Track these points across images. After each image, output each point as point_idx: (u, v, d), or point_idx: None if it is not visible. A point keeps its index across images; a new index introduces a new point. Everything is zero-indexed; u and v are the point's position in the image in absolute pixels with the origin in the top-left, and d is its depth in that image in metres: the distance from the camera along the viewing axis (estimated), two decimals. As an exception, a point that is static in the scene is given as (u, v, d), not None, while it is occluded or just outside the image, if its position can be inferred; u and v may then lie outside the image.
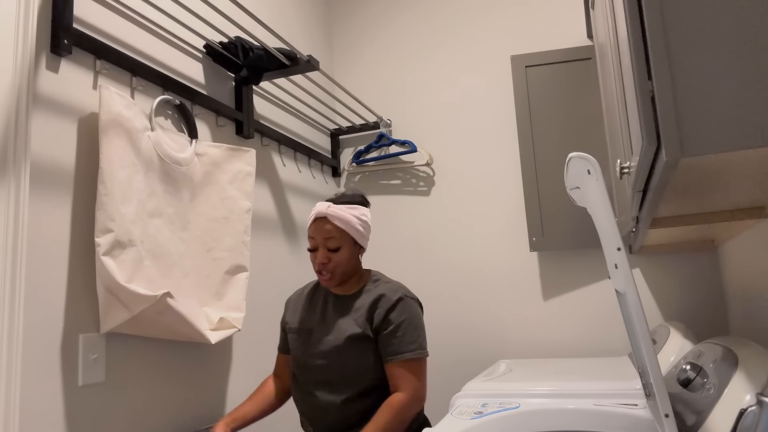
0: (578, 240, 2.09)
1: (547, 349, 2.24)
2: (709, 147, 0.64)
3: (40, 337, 1.13)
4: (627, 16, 0.76)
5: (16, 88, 1.14)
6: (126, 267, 1.22)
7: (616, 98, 1.12)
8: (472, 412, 1.32)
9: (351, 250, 1.49)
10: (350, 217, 1.46)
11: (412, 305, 1.47)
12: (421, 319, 1.48)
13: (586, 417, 1.27)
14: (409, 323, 1.43)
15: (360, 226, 1.48)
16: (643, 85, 0.72)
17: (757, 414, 0.74)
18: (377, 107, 2.61)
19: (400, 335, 1.42)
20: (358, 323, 1.44)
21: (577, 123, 2.13)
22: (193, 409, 1.52)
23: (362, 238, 1.50)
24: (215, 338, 1.45)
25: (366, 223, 1.50)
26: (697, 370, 1.08)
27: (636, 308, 0.80)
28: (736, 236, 1.65)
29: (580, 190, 0.87)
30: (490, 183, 2.39)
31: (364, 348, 1.43)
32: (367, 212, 1.52)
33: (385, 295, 1.46)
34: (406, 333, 1.42)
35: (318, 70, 1.86)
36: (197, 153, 1.56)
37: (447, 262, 2.41)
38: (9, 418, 1.06)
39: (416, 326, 1.44)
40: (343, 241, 1.47)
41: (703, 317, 2.06)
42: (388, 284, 1.51)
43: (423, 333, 1.46)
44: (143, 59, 1.48)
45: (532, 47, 2.40)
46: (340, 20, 2.73)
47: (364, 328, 1.43)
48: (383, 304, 1.45)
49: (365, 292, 1.50)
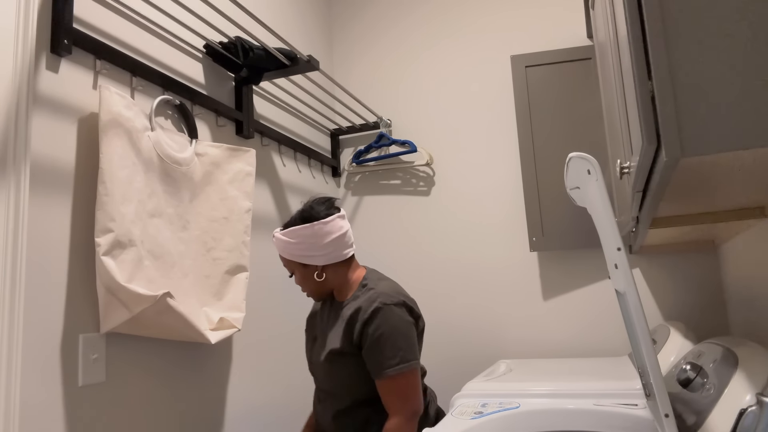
0: (578, 240, 2.09)
1: (547, 349, 2.24)
2: (709, 147, 0.64)
3: (40, 337, 1.13)
4: (627, 16, 0.76)
5: (16, 88, 1.14)
6: (126, 267, 1.22)
7: (616, 98, 1.12)
8: (472, 412, 1.32)
9: (302, 272, 1.46)
10: (285, 244, 1.44)
11: (390, 314, 1.35)
12: (402, 327, 1.35)
13: (586, 417, 1.27)
14: (388, 336, 1.33)
15: (298, 250, 1.42)
16: (643, 85, 0.72)
17: (757, 414, 0.74)
18: (377, 107, 2.61)
19: (378, 351, 1.33)
20: (339, 338, 1.39)
21: (577, 123, 2.13)
22: (193, 409, 1.52)
23: (309, 259, 1.43)
24: (215, 338, 1.45)
25: (303, 243, 1.41)
26: (697, 370, 1.08)
27: (636, 308, 0.80)
28: (736, 236, 1.65)
29: (580, 190, 0.87)
30: (490, 183, 2.39)
31: (345, 363, 1.39)
32: (303, 231, 1.41)
33: (361, 308, 1.38)
34: (385, 348, 1.33)
35: (318, 70, 1.86)
36: (197, 153, 1.56)
37: (447, 262, 2.41)
38: (9, 418, 1.06)
39: (395, 337, 1.33)
40: (292, 266, 1.48)
41: (703, 317, 2.06)
42: (370, 291, 1.42)
43: (406, 342, 1.35)
44: (143, 59, 1.48)
45: (532, 47, 2.40)
46: (341, 20, 2.73)
47: (342, 345, 1.38)
48: (360, 317, 1.37)
49: (353, 299, 1.44)
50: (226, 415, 1.66)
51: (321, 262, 1.44)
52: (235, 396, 1.71)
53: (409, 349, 1.35)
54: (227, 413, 1.66)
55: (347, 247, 1.47)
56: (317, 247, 1.42)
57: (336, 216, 1.44)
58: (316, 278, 1.46)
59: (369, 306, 1.37)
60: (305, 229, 1.42)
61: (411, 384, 1.34)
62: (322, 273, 1.46)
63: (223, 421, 1.64)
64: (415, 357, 1.36)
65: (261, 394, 1.84)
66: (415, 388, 1.34)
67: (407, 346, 1.35)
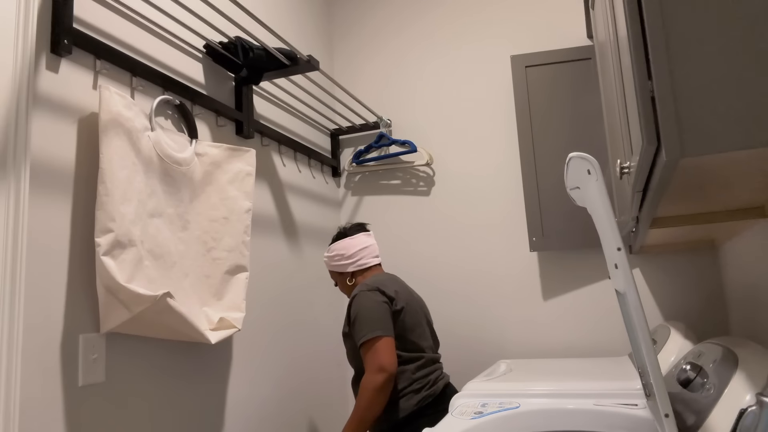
0: (578, 240, 2.09)
1: (547, 349, 2.24)
2: (709, 147, 0.64)
3: (40, 338, 1.13)
4: (627, 16, 0.76)
5: (16, 88, 1.14)
6: (126, 267, 1.22)
7: (616, 98, 1.12)
8: (472, 412, 1.32)
9: (341, 279, 1.91)
10: (327, 258, 1.90)
11: (362, 297, 1.70)
12: (370, 305, 1.68)
13: (586, 417, 1.27)
14: (357, 314, 1.68)
15: (333, 261, 1.88)
16: (643, 85, 0.72)
17: (757, 414, 0.74)
18: (377, 107, 2.61)
19: (354, 326, 1.69)
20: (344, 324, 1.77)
21: (577, 123, 2.13)
22: (193, 409, 1.52)
23: (342, 267, 1.87)
24: (215, 338, 1.45)
25: (337, 255, 1.86)
26: (697, 370, 1.08)
27: (636, 308, 0.80)
28: (736, 236, 1.65)
29: (580, 190, 0.87)
30: (490, 183, 2.39)
31: (347, 341, 1.78)
32: (335, 246, 1.87)
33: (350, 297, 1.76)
34: (356, 324, 1.68)
35: (318, 70, 1.86)
36: (197, 153, 1.56)
37: (446, 262, 2.41)
38: (9, 418, 1.06)
39: (363, 315, 1.67)
40: (334, 275, 1.94)
41: (703, 317, 2.06)
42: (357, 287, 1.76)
43: (371, 317, 1.66)
44: (143, 59, 1.48)
45: (532, 47, 2.40)
46: (340, 20, 2.73)
47: (344, 328, 1.78)
48: (348, 304, 1.75)
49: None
50: (226, 415, 1.66)
51: (350, 269, 1.86)
52: (235, 396, 1.71)
53: (374, 323, 1.66)
54: (227, 413, 1.66)
55: (371, 257, 1.88)
56: (346, 257, 1.85)
57: (361, 233, 1.88)
58: (348, 282, 1.87)
59: (352, 294, 1.75)
60: (338, 244, 1.87)
61: (375, 348, 1.64)
62: (352, 278, 1.87)
63: (223, 421, 1.64)
64: (380, 327, 1.65)
65: (261, 394, 1.84)
66: (378, 351, 1.63)
67: (373, 320, 1.66)
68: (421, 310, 1.82)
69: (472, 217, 2.40)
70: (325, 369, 2.29)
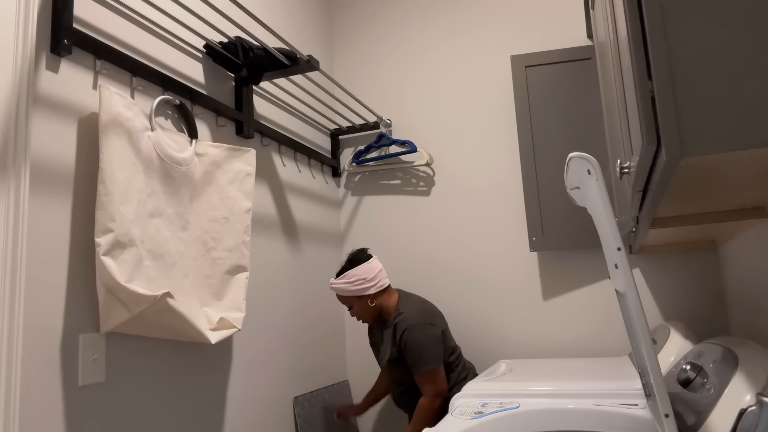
0: (578, 240, 2.09)
1: (547, 349, 2.24)
2: (709, 147, 0.64)
3: (40, 337, 1.13)
4: (627, 16, 0.76)
5: (16, 88, 1.14)
6: (126, 267, 1.22)
7: (616, 98, 1.12)
8: (472, 412, 1.32)
9: (360, 303, 1.97)
10: (343, 287, 1.95)
11: (417, 331, 1.87)
12: (422, 339, 1.86)
13: (586, 417, 1.27)
14: (415, 346, 1.86)
15: (354, 286, 1.93)
16: (643, 85, 0.72)
17: (757, 414, 0.74)
18: (377, 107, 2.61)
19: (409, 359, 1.87)
20: (390, 351, 1.93)
21: (577, 123, 2.13)
22: (193, 408, 1.52)
23: (363, 291, 1.94)
24: (215, 338, 1.45)
25: (359, 279, 1.93)
26: (697, 370, 1.08)
27: (636, 308, 0.80)
28: (736, 236, 1.65)
29: (580, 190, 0.87)
30: (490, 183, 2.39)
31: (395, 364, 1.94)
32: (356, 271, 1.94)
33: (396, 329, 1.91)
34: (414, 354, 1.86)
35: (318, 70, 1.86)
36: (197, 153, 1.56)
37: (447, 263, 2.41)
38: (9, 418, 1.06)
39: (421, 347, 1.86)
40: (350, 301, 1.98)
41: (703, 317, 2.06)
42: (401, 316, 1.91)
43: (426, 350, 1.85)
44: (143, 59, 1.48)
45: (532, 47, 2.40)
46: (340, 20, 2.73)
47: (392, 354, 1.93)
48: (396, 336, 1.91)
49: (390, 326, 1.94)
50: (226, 415, 1.66)
51: (373, 291, 1.95)
52: (235, 396, 1.71)
53: (430, 356, 1.86)
54: (227, 413, 1.66)
55: (385, 278, 2.00)
56: (368, 280, 1.95)
57: (374, 257, 2.01)
58: (370, 304, 1.97)
59: (401, 328, 1.89)
60: (359, 269, 1.95)
61: (430, 377, 1.86)
62: (373, 300, 1.97)
63: (222, 421, 1.64)
64: (436, 359, 1.87)
65: (261, 393, 1.84)
66: (436, 377, 1.86)
67: (429, 352, 1.86)
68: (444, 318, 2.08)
69: (472, 217, 2.40)
70: (325, 369, 2.29)
